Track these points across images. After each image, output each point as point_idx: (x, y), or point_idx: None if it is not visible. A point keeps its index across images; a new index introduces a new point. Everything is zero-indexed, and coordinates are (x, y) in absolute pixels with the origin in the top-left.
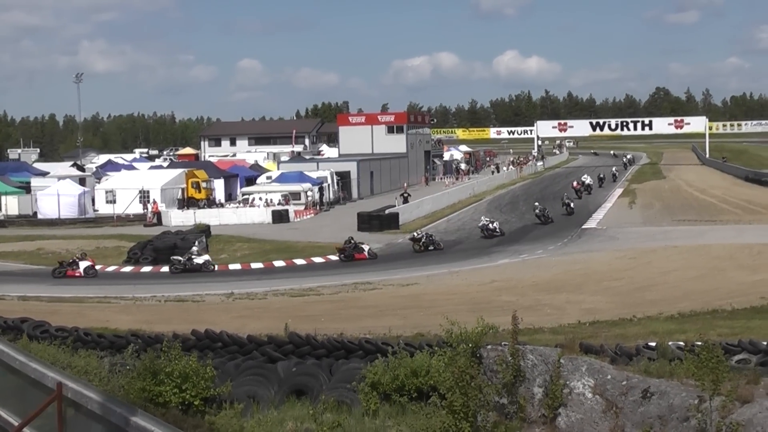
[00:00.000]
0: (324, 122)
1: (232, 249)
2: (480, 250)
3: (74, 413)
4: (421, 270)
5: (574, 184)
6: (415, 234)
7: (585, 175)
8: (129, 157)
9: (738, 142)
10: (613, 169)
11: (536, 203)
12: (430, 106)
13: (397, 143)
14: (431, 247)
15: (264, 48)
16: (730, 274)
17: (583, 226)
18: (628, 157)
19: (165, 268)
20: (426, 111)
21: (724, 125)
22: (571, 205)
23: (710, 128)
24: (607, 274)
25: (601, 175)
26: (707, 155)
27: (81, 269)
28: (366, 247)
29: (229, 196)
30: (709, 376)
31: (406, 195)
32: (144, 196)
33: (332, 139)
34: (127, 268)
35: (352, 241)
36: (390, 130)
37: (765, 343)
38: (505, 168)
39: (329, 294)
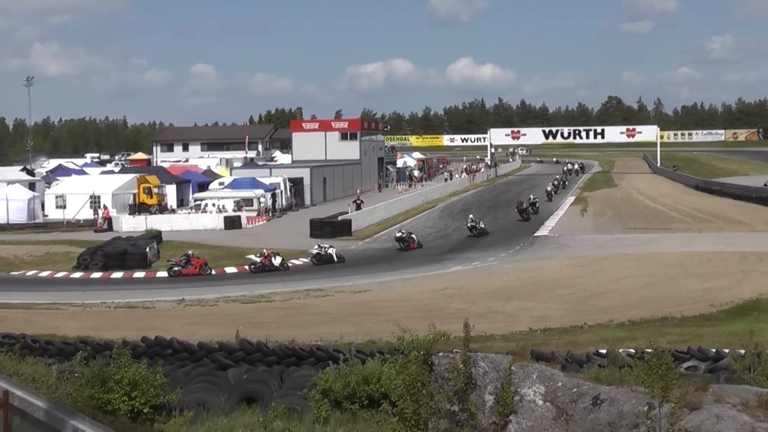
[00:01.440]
0: (277, 128)
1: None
2: (432, 258)
3: (21, 421)
4: (373, 277)
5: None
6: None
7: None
8: (80, 161)
9: (689, 151)
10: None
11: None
12: (383, 112)
13: (350, 150)
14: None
15: (218, 53)
16: (680, 281)
17: (535, 234)
18: (575, 167)
19: (116, 274)
20: (380, 118)
21: (675, 134)
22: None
23: (661, 137)
24: (559, 281)
25: (556, 182)
26: (658, 164)
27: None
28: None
29: (181, 202)
30: (658, 383)
31: (359, 202)
32: (95, 202)
33: (285, 146)
34: (77, 274)
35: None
36: (343, 136)
37: (714, 350)
38: (458, 175)
39: (281, 301)
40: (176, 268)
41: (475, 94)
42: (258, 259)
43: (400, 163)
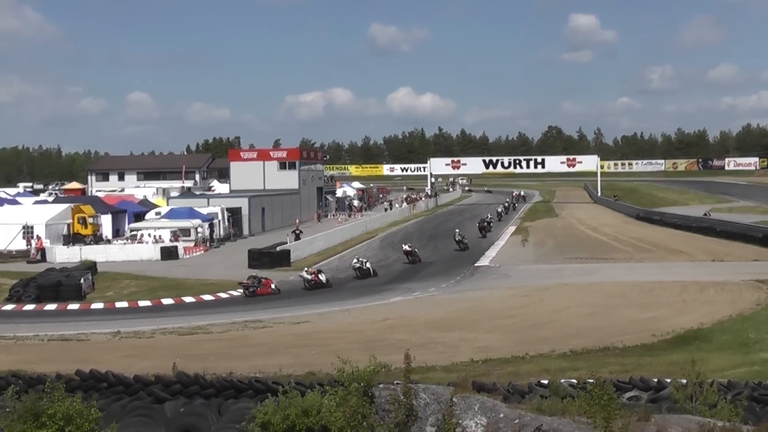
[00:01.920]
0: (215, 157)
1: (119, 286)
2: (372, 288)
3: None
4: (313, 308)
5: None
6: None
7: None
8: (12, 191)
9: (629, 181)
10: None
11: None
12: (323, 142)
13: (289, 179)
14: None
15: (155, 81)
16: (621, 311)
17: (476, 264)
18: (513, 194)
19: (49, 306)
20: (319, 147)
21: (615, 164)
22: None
23: (602, 167)
24: (500, 311)
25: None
26: (599, 193)
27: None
28: (370, 265)
29: (117, 232)
30: (600, 413)
31: (297, 232)
32: (28, 232)
33: (223, 175)
34: (9, 306)
35: (362, 260)
36: (282, 166)
37: (656, 380)
38: (398, 205)
39: (219, 332)
40: (252, 289)
41: (415, 124)
42: (309, 277)
43: (339, 193)
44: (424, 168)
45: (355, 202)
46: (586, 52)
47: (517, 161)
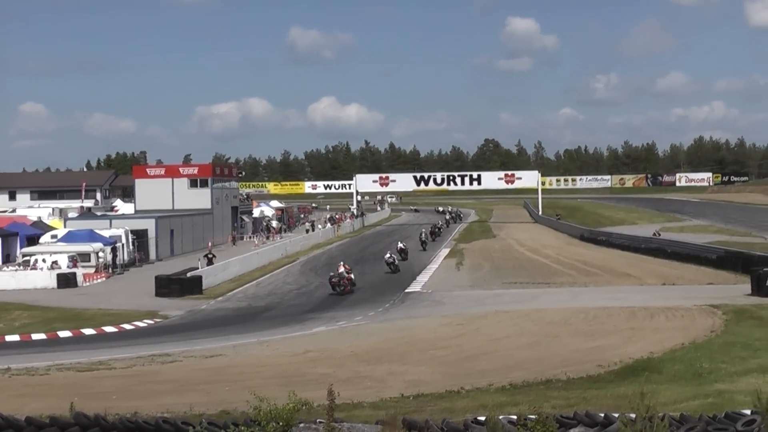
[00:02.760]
0: (118, 174)
1: (10, 318)
2: (292, 317)
3: None
4: (227, 340)
5: (387, 256)
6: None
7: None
8: None
9: (572, 198)
10: (438, 223)
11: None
12: (238, 157)
13: (200, 198)
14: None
15: (50, 91)
16: (564, 340)
17: (406, 290)
18: (454, 210)
19: None
20: (234, 163)
21: (557, 180)
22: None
23: (543, 183)
24: (433, 342)
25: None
26: (540, 212)
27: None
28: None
29: (7, 258)
30: None
31: (210, 256)
32: None
33: (128, 194)
34: None
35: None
36: (193, 183)
37: (602, 414)
38: (320, 226)
39: (122, 368)
40: (341, 288)
41: (340, 137)
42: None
43: (256, 213)
44: (350, 185)
45: (274, 223)
46: (525, 59)
47: (451, 177)
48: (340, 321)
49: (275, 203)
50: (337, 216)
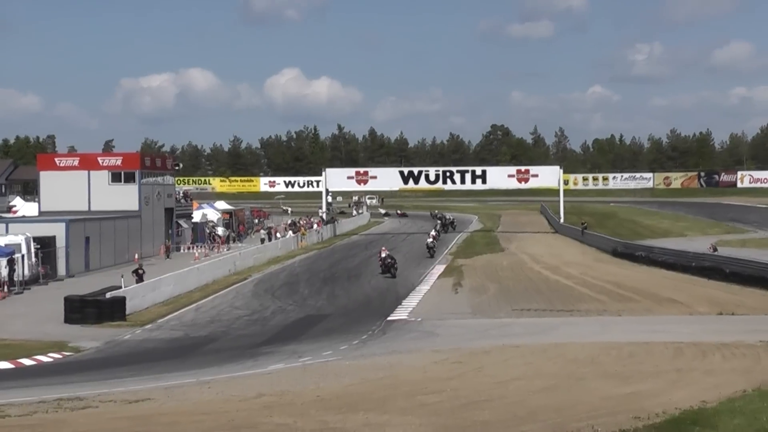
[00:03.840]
0: (18, 165)
1: None
2: (242, 351)
3: None
4: (157, 380)
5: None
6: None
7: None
8: None
9: (603, 201)
10: (431, 233)
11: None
12: (174, 145)
13: (125, 197)
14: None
15: None
16: (591, 384)
17: (388, 318)
18: (448, 217)
19: None
20: (168, 152)
21: (584, 178)
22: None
23: (566, 182)
24: (422, 384)
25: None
26: (561, 219)
27: None
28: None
29: None
30: None
31: (141, 272)
32: None
33: (30, 190)
34: None
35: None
36: (116, 178)
37: None
38: (280, 234)
39: (19, 416)
40: (394, 270)
41: (305, 120)
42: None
43: (197, 217)
44: (318, 182)
45: (220, 230)
46: (544, 23)
47: (448, 174)
48: (303, 356)
49: (222, 204)
50: (300, 222)
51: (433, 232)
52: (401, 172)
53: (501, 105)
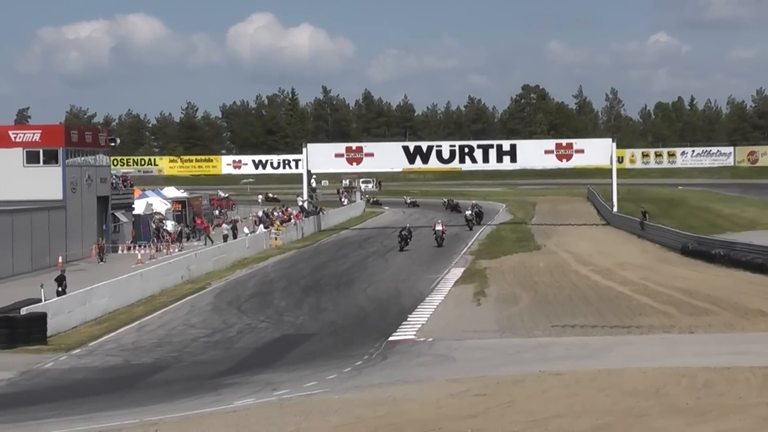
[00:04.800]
0: None
1: None
2: (200, 382)
3: None
4: (88, 420)
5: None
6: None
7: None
8: None
9: (669, 184)
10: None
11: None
12: (109, 114)
13: (45, 182)
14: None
15: None
16: (656, 423)
17: (390, 337)
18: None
19: None
20: (102, 124)
21: (644, 155)
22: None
23: (620, 160)
24: (436, 424)
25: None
26: (614, 208)
27: None
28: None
29: None
30: None
31: (63, 284)
32: None
33: None
34: None
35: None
36: (32, 157)
37: None
38: (248, 229)
39: None
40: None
41: (281, 82)
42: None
43: (140, 208)
44: (298, 162)
45: (169, 225)
46: None
47: (466, 150)
48: (279, 389)
49: (172, 191)
50: (275, 214)
51: (439, 226)
52: (405, 149)
53: (535, 60)
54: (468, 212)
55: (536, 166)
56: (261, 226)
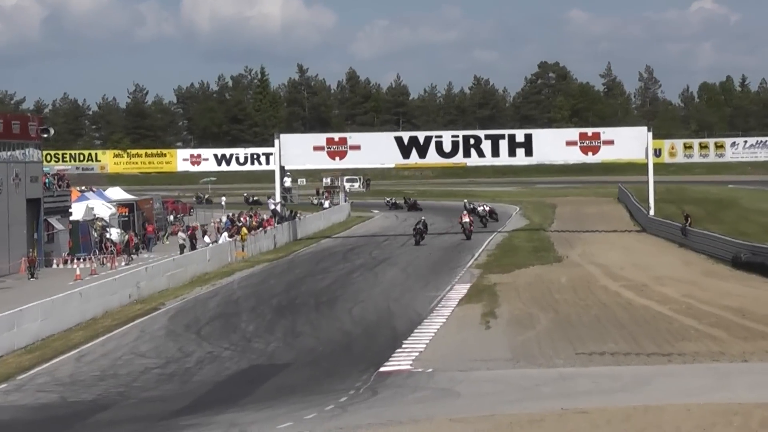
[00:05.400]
0: None
1: None
2: (151, 424)
3: None
4: None
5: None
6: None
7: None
8: None
9: (718, 182)
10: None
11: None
12: (40, 99)
13: None
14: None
15: None
16: None
17: (381, 368)
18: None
19: None
20: (32, 111)
21: (687, 146)
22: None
23: (658, 153)
24: None
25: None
26: (651, 211)
27: None
28: None
29: None
30: None
31: None
32: None
33: None
34: None
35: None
36: None
37: None
38: (208, 238)
39: None
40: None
41: (247, 59)
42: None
43: (79, 212)
44: (269, 157)
45: (114, 234)
46: None
47: (472, 141)
48: (247, 431)
49: (117, 193)
50: (242, 219)
51: (466, 218)
52: (399, 140)
53: (554, 32)
54: (480, 207)
55: (556, 161)
56: (225, 234)
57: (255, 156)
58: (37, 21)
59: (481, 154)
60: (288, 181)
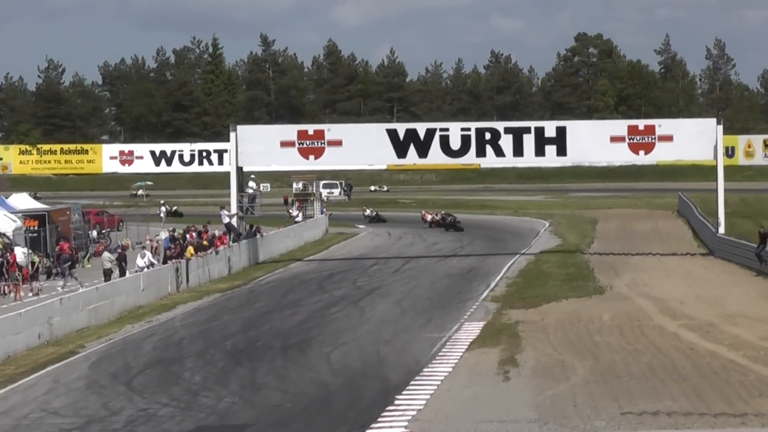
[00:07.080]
0: None
1: None
2: None
3: None
4: None
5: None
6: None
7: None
8: None
9: None
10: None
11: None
12: None
13: None
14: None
15: None
16: None
17: (368, 430)
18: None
19: None
20: None
21: (767, 142)
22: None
23: (730, 153)
24: None
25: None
26: (721, 228)
27: None
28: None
29: None
30: None
31: None
32: None
33: None
34: None
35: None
36: None
37: None
38: (143, 261)
39: None
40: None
41: (195, 28)
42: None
43: None
44: (223, 154)
45: (19, 254)
46: None
47: (487, 135)
48: None
49: (24, 200)
50: (188, 236)
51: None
52: (392, 134)
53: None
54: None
55: (597, 162)
56: (163, 255)
57: (204, 153)
58: None
59: (499, 152)
60: (252, 187)
